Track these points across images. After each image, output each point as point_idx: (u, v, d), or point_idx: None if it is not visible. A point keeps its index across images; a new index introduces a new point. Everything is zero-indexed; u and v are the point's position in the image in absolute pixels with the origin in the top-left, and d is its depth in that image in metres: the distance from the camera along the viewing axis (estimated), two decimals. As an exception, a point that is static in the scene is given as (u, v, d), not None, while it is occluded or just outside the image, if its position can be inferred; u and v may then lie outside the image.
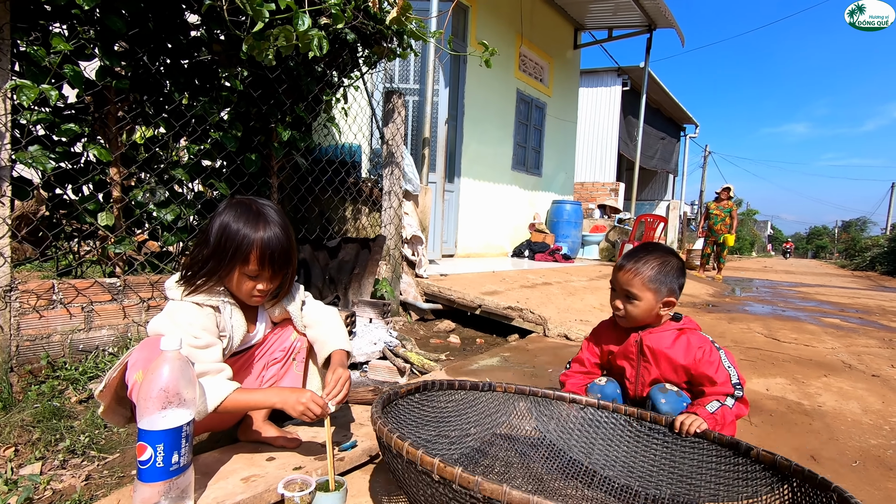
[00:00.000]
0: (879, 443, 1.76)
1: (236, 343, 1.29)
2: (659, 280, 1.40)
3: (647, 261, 1.41)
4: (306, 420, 1.18)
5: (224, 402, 1.13)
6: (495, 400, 1.44)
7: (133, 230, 2.29)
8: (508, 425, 1.42)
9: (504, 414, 1.43)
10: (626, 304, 1.44)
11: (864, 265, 16.91)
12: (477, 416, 1.40)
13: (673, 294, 1.42)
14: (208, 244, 1.20)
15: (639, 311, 1.42)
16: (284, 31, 1.92)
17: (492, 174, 7.09)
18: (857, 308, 5.65)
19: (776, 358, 2.94)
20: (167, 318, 1.18)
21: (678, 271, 1.43)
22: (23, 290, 1.78)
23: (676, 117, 16.72)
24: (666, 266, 1.41)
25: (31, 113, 1.83)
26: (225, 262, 1.19)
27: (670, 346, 1.43)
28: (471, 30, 6.20)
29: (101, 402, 1.16)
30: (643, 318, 1.44)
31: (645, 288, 1.40)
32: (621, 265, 1.46)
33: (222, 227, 1.19)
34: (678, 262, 1.45)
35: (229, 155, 2.51)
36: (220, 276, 1.21)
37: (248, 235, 1.19)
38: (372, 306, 2.77)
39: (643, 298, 1.41)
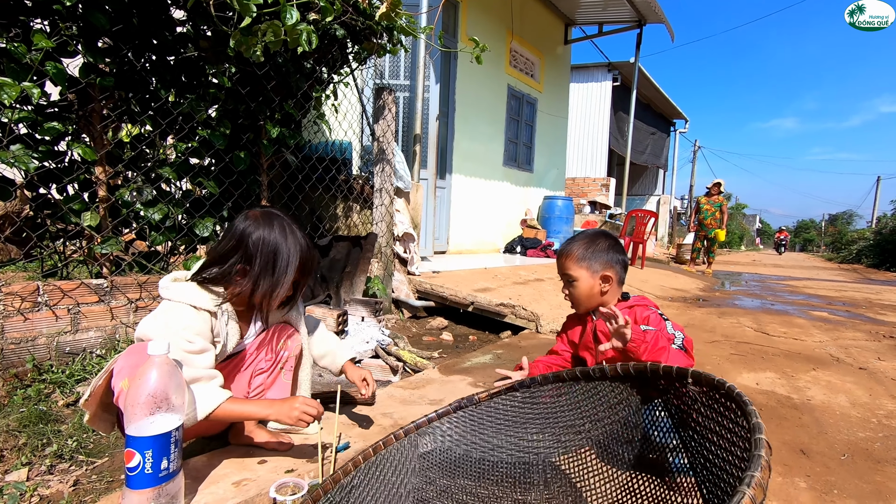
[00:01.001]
0: (867, 436, 1.78)
1: (229, 349, 1.27)
2: (588, 257, 1.46)
3: (576, 241, 1.49)
4: (302, 426, 1.18)
5: (216, 410, 1.12)
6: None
7: (120, 230, 2.25)
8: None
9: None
10: (569, 288, 1.51)
11: (851, 258, 17.17)
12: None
13: (608, 268, 1.46)
14: (252, 262, 1.21)
15: (579, 290, 1.48)
16: (272, 25, 1.90)
17: (483, 170, 7.08)
18: (845, 301, 5.72)
19: (766, 352, 2.97)
20: (160, 321, 1.15)
21: (609, 248, 1.48)
22: (6, 292, 1.75)
23: (666, 112, 16.81)
24: (594, 244, 1.48)
25: (13, 111, 1.79)
26: (280, 280, 1.22)
27: None
28: (461, 25, 6.17)
29: (87, 411, 1.13)
30: (587, 297, 1.48)
31: (577, 267, 1.47)
32: (558, 253, 1.54)
33: (271, 245, 1.21)
34: (608, 240, 1.50)
35: (218, 153, 2.47)
36: (276, 294, 1.24)
37: (292, 251, 1.23)
38: (364, 305, 2.76)
39: (579, 277, 1.47)
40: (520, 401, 1.24)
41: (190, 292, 1.19)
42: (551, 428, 1.18)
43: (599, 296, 1.48)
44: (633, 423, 1.06)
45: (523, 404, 1.23)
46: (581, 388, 1.15)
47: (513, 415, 1.23)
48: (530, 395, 1.22)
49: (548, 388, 1.20)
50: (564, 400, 1.18)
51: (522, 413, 1.23)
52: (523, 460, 1.17)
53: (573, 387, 1.16)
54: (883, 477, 1.48)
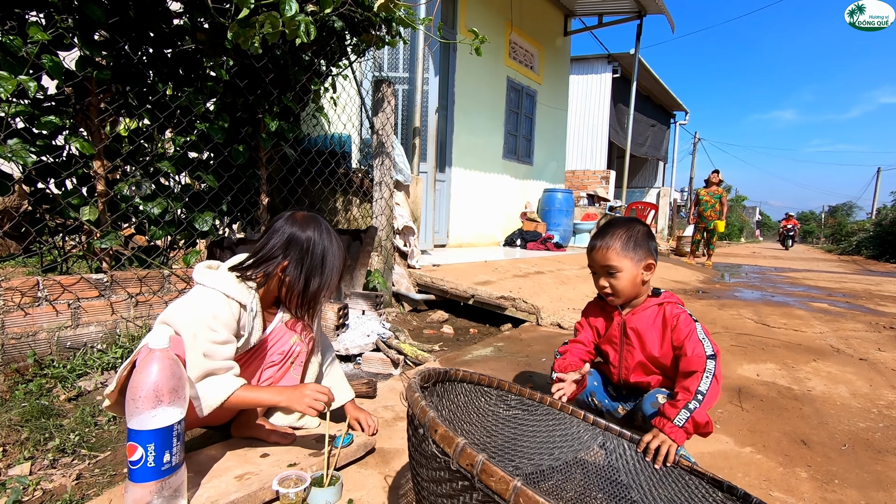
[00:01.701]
0: (868, 426, 1.79)
1: (251, 344, 1.29)
2: (631, 246, 1.41)
3: (615, 233, 1.43)
4: (312, 414, 1.21)
5: (230, 398, 1.14)
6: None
7: (119, 224, 2.24)
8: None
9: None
10: (610, 280, 1.44)
11: (851, 249, 17.16)
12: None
13: (649, 256, 1.43)
14: (303, 262, 1.27)
15: (623, 282, 1.42)
16: (270, 17, 1.88)
17: (483, 163, 7.06)
18: (845, 292, 5.73)
19: (766, 343, 2.97)
20: (190, 307, 1.16)
21: (646, 235, 1.45)
22: (6, 287, 1.74)
23: (666, 104, 16.73)
24: (633, 232, 1.44)
25: (10, 105, 1.78)
26: (327, 280, 1.30)
27: (652, 322, 1.43)
28: (460, 17, 6.13)
29: (109, 400, 1.14)
30: (630, 288, 1.44)
31: (621, 257, 1.41)
32: (593, 245, 1.48)
33: (320, 247, 1.29)
34: (644, 227, 1.47)
35: (216, 146, 2.46)
36: (324, 294, 1.31)
37: (338, 254, 1.32)
38: (364, 298, 2.76)
39: (623, 268, 1.41)
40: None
41: (225, 281, 1.21)
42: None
43: (641, 285, 1.45)
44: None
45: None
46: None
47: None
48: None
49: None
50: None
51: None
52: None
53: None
54: (884, 466, 1.49)
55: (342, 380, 1.54)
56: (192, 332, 1.11)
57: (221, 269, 1.25)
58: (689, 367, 1.26)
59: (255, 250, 1.29)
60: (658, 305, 1.44)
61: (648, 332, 1.43)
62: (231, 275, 1.23)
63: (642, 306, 1.46)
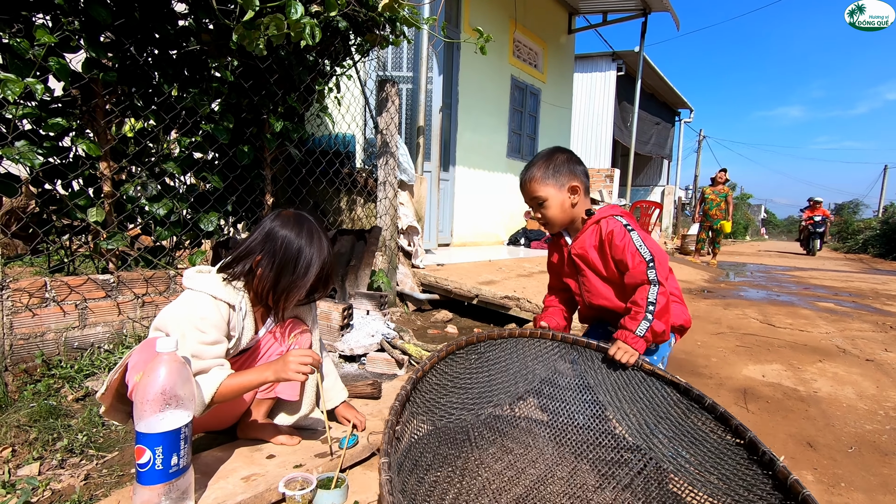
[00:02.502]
0: (874, 428, 1.78)
1: (243, 345, 1.28)
2: (550, 174, 1.44)
3: (536, 164, 1.47)
4: (301, 379, 1.20)
5: (219, 389, 1.13)
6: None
7: (125, 225, 2.26)
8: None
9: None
10: (541, 211, 1.48)
11: (857, 248, 17.04)
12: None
13: (573, 178, 1.44)
14: (273, 260, 1.24)
15: (552, 210, 1.46)
16: (275, 19, 1.88)
17: (487, 162, 7.05)
18: (851, 292, 5.69)
19: (772, 343, 2.96)
20: (179, 310, 1.16)
21: (568, 161, 1.46)
22: (14, 288, 1.76)
23: (671, 102, 16.66)
24: (552, 159, 1.46)
25: (17, 107, 1.79)
26: (297, 282, 1.26)
27: (593, 243, 1.45)
28: (464, 15, 6.11)
29: (103, 404, 1.15)
30: (560, 214, 1.46)
31: (544, 186, 1.44)
32: (520, 180, 1.51)
33: (294, 246, 1.26)
34: (564, 154, 1.48)
35: (221, 147, 2.47)
36: (292, 295, 1.27)
37: (314, 256, 1.27)
38: (369, 298, 2.76)
39: (548, 196, 1.44)
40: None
41: (212, 283, 1.21)
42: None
43: (571, 209, 1.47)
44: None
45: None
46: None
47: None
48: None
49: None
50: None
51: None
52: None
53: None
54: (890, 469, 1.48)
55: (337, 380, 1.55)
56: (181, 333, 1.12)
57: (212, 272, 1.25)
58: (634, 280, 1.33)
59: (235, 245, 1.29)
60: (595, 224, 1.45)
61: (591, 254, 1.45)
62: (218, 276, 1.24)
63: (582, 231, 1.48)
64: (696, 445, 1.16)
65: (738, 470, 1.07)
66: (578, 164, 1.47)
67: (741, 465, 1.07)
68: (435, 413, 1.14)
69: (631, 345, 1.28)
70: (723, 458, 1.11)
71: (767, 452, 1.01)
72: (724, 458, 1.11)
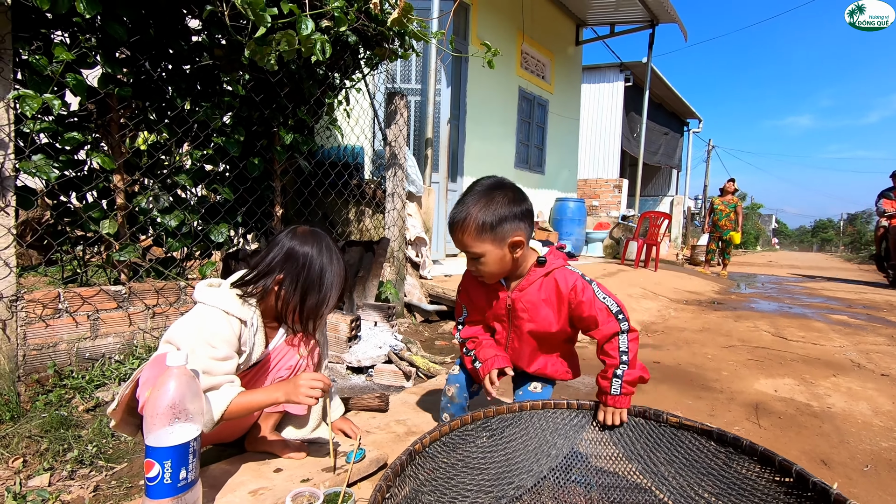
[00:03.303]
0: (891, 446, 1.74)
1: (253, 360, 1.29)
2: (489, 226, 1.20)
3: (469, 204, 1.22)
4: (312, 402, 1.20)
5: (229, 407, 1.13)
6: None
7: (137, 237, 2.29)
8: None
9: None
10: (476, 266, 1.28)
11: (871, 258, 16.79)
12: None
13: (515, 232, 1.22)
14: (298, 278, 1.25)
15: (489, 266, 1.26)
16: (287, 35, 1.91)
17: (495, 173, 7.03)
18: (865, 304, 5.61)
19: (784, 357, 2.92)
20: (190, 325, 1.16)
21: (510, 202, 1.22)
22: (29, 299, 1.78)
23: (679, 112, 16.63)
24: (491, 201, 1.21)
25: (35, 122, 1.83)
26: (325, 299, 1.27)
27: (543, 296, 1.31)
28: (472, 28, 6.18)
29: (114, 419, 1.15)
30: (499, 270, 1.28)
31: (479, 242, 1.22)
32: (449, 221, 1.27)
33: (318, 264, 1.26)
34: (506, 191, 1.24)
35: (232, 159, 2.50)
36: (321, 311, 1.29)
37: (336, 272, 1.28)
38: (377, 309, 2.77)
39: (485, 252, 1.23)
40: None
41: (224, 298, 1.21)
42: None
43: (511, 263, 1.27)
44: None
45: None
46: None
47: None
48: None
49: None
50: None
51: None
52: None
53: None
54: (907, 489, 1.45)
55: (335, 396, 1.56)
56: (192, 349, 1.12)
57: (223, 286, 1.26)
58: (605, 334, 1.24)
59: (254, 264, 1.28)
60: (544, 276, 1.31)
61: (541, 308, 1.31)
62: (231, 292, 1.23)
63: (528, 279, 1.32)
64: (747, 497, 1.07)
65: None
66: (520, 205, 1.24)
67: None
68: (446, 494, 1.08)
69: (615, 405, 1.22)
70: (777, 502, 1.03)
71: (819, 483, 0.96)
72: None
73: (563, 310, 1.30)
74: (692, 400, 2.14)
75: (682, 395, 2.19)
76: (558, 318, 1.32)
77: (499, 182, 1.27)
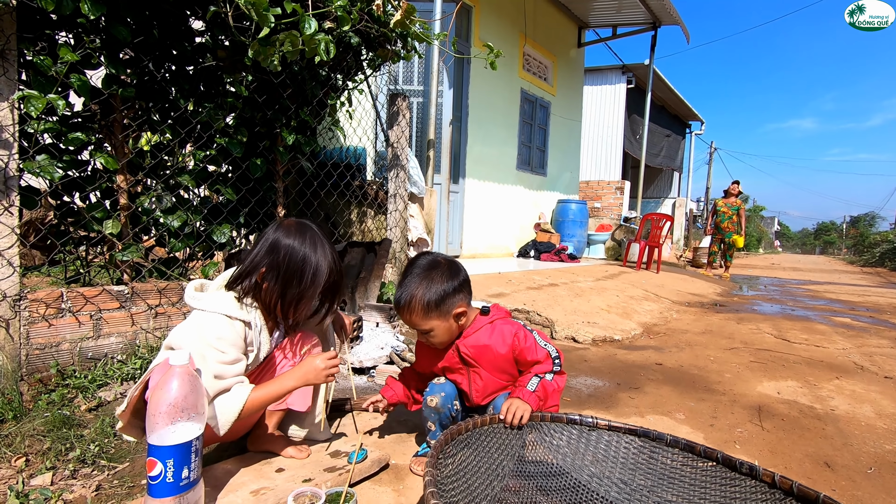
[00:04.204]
0: (894, 448, 1.73)
1: (262, 357, 1.29)
2: (432, 305, 1.32)
3: (412, 291, 1.33)
4: (331, 381, 1.26)
5: (245, 406, 1.14)
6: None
7: (140, 237, 2.29)
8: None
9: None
10: (427, 338, 1.40)
11: (874, 261, 16.77)
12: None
13: (458, 303, 1.35)
14: (279, 271, 1.22)
15: (440, 337, 1.38)
16: (290, 36, 1.92)
17: (496, 174, 7.07)
18: (868, 306, 5.59)
19: (787, 360, 2.91)
20: (194, 332, 1.15)
21: (447, 278, 1.34)
22: (32, 298, 1.79)
23: (682, 114, 16.62)
24: (430, 282, 1.33)
25: (39, 122, 1.84)
26: (305, 293, 1.24)
27: (489, 340, 1.39)
28: (474, 30, 6.19)
29: (121, 421, 1.15)
30: (449, 339, 1.40)
31: (427, 319, 1.34)
32: (395, 303, 1.39)
33: (299, 256, 1.23)
34: (442, 268, 1.36)
35: (235, 160, 2.51)
36: (301, 305, 1.26)
37: (320, 265, 1.24)
38: (378, 310, 2.77)
39: (434, 327, 1.35)
40: (636, 447, 1.26)
41: (224, 302, 1.20)
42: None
43: (458, 329, 1.40)
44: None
45: (640, 452, 1.25)
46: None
47: (626, 458, 1.25)
48: (649, 448, 1.25)
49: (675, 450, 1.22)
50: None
51: (635, 460, 1.25)
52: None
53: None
54: (912, 492, 1.44)
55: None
56: (201, 354, 1.11)
57: (212, 288, 1.24)
58: (541, 370, 1.35)
59: (242, 259, 1.27)
60: (489, 323, 1.41)
61: (488, 348, 1.39)
62: (229, 294, 1.23)
63: (473, 327, 1.42)
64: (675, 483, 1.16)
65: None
66: (457, 278, 1.36)
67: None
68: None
69: (523, 398, 1.26)
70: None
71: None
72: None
73: (507, 349, 1.39)
74: (695, 402, 2.13)
75: (685, 398, 2.18)
76: (502, 359, 1.40)
77: (434, 261, 1.39)
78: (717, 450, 1.14)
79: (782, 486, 1.00)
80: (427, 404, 1.42)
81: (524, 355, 1.37)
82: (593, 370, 2.58)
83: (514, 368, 1.42)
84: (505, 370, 1.41)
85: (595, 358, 2.83)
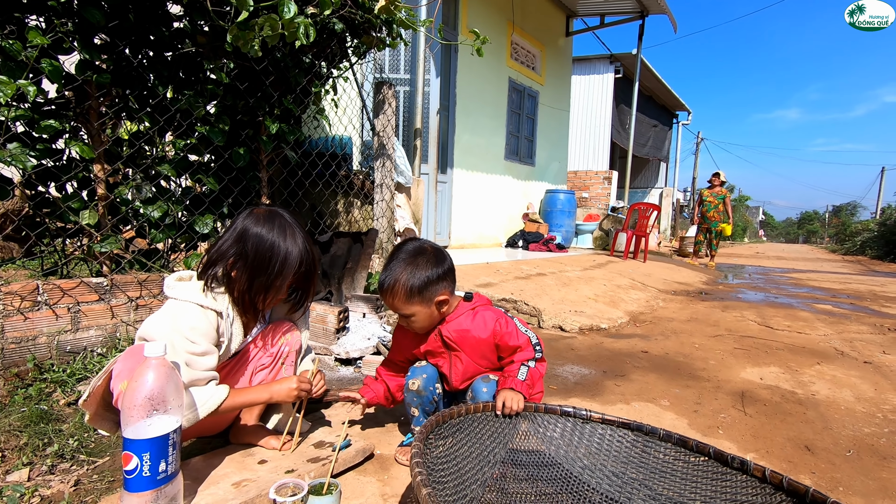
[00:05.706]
0: (873, 431, 1.77)
1: (233, 349, 1.27)
2: (415, 290, 1.32)
3: (397, 275, 1.33)
4: (303, 396, 1.29)
5: (219, 407, 1.14)
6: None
7: (119, 228, 2.24)
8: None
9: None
10: (408, 322, 1.40)
11: (855, 249, 17.08)
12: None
13: (439, 291, 1.35)
14: (246, 259, 1.20)
15: (420, 323, 1.38)
16: (269, 19, 1.87)
17: (485, 164, 7.05)
18: (849, 293, 5.69)
19: (770, 346, 2.95)
20: (166, 321, 1.14)
21: (432, 265, 1.35)
22: (6, 291, 1.74)
23: (669, 104, 16.69)
24: (415, 268, 1.33)
25: (9, 109, 1.77)
26: (273, 281, 1.22)
27: (470, 325, 1.40)
28: (462, 18, 6.12)
29: (87, 411, 1.13)
30: (429, 325, 1.40)
31: (409, 304, 1.34)
32: (378, 286, 1.39)
33: (267, 244, 1.21)
34: (427, 255, 1.36)
35: (217, 149, 2.45)
36: (269, 294, 1.24)
37: (290, 252, 1.22)
38: (365, 301, 2.75)
39: (415, 313, 1.35)
40: (630, 440, 1.27)
41: (196, 292, 1.18)
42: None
43: (439, 316, 1.40)
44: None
45: (633, 446, 1.26)
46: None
47: (619, 451, 1.27)
48: (643, 441, 1.26)
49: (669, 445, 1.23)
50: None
51: (626, 453, 1.26)
52: (612, 496, 1.18)
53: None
54: (889, 473, 1.47)
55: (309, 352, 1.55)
56: (171, 344, 1.09)
57: (193, 279, 1.23)
58: (523, 357, 1.38)
59: (210, 250, 1.25)
60: (472, 310, 1.42)
61: (470, 334, 1.40)
62: (200, 284, 1.21)
63: (455, 313, 1.42)
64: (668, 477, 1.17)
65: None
66: (442, 265, 1.36)
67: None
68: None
69: (515, 388, 1.29)
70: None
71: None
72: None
73: (489, 334, 1.40)
74: (680, 388, 2.15)
75: (670, 384, 2.20)
76: (485, 344, 1.41)
77: (420, 247, 1.39)
78: (710, 445, 1.14)
79: (773, 481, 1.01)
80: (409, 388, 1.42)
81: (506, 340, 1.38)
82: (580, 358, 2.59)
83: (493, 354, 1.43)
84: (485, 355, 1.42)
85: (582, 346, 2.85)
